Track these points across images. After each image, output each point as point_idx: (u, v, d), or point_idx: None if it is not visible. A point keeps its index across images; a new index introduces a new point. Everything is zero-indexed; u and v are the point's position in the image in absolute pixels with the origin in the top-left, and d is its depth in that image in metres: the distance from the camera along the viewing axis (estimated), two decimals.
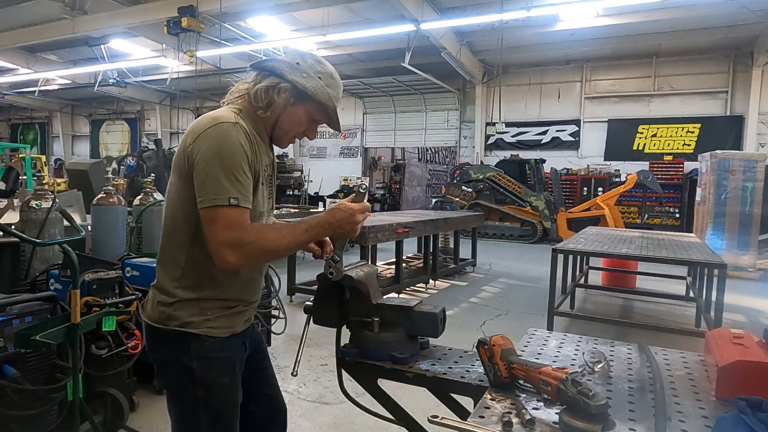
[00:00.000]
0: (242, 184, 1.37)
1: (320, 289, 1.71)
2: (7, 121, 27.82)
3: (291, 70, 1.49)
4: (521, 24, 11.87)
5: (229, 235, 1.34)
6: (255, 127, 1.50)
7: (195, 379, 1.47)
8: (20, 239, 2.60)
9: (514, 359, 1.35)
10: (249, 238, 1.36)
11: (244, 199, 1.37)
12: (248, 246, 1.36)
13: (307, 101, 1.51)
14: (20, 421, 2.39)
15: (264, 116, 1.51)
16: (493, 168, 13.68)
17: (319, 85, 1.49)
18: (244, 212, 1.37)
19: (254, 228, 1.39)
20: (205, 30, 11.48)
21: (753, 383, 1.25)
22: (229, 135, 1.38)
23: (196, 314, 1.48)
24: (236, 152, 1.37)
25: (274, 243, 1.40)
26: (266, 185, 1.55)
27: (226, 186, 1.34)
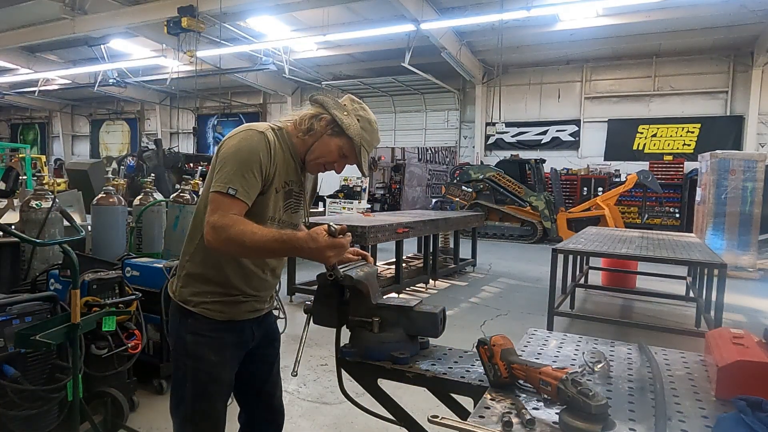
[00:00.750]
0: (247, 181, 1.53)
1: (320, 289, 1.71)
2: (7, 121, 27.83)
3: (335, 105, 1.66)
4: (521, 24, 11.87)
5: (214, 217, 1.50)
6: (289, 146, 1.67)
7: (187, 352, 1.66)
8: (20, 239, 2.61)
9: (514, 359, 1.35)
10: (225, 222, 1.48)
11: (244, 193, 1.52)
12: (221, 229, 1.48)
13: (341, 136, 1.64)
14: (20, 421, 2.39)
15: (304, 139, 1.66)
16: (493, 168, 13.68)
17: (354, 124, 1.64)
18: (236, 203, 1.51)
19: (236, 219, 1.50)
20: (205, 30, 11.49)
21: (753, 383, 1.25)
22: (250, 139, 1.57)
23: (196, 294, 1.66)
24: (252, 154, 1.54)
25: (244, 237, 1.48)
26: (283, 196, 1.69)
27: (231, 177, 1.52)
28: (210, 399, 1.67)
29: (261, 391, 1.87)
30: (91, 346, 2.75)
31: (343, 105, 1.67)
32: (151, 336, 3.42)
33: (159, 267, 3.45)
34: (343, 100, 1.69)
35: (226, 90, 18.65)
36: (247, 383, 1.83)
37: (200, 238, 1.60)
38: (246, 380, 1.82)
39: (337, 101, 1.67)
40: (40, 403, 2.46)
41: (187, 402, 1.67)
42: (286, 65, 15.12)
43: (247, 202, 1.53)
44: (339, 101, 1.68)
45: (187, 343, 1.66)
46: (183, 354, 1.68)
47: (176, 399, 1.70)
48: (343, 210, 11.81)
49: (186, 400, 1.67)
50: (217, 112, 21.01)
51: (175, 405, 1.70)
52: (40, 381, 2.48)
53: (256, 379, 1.85)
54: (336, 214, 11.19)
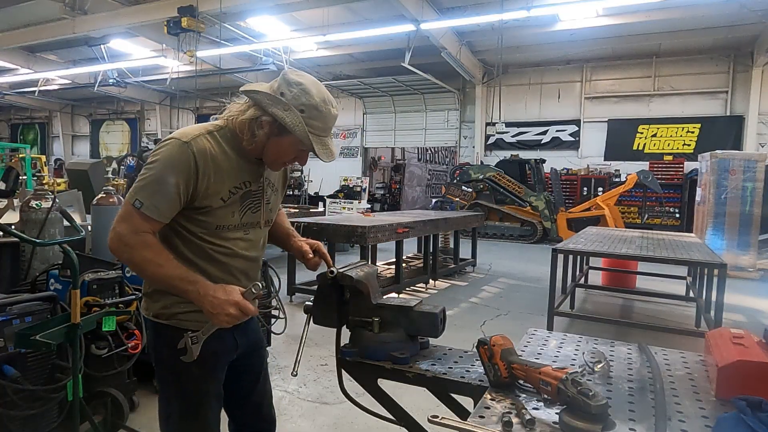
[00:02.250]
0: (159, 196, 1.42)
1: (320, 289, 1.71)
2: (7, 121, 27.81)
3: (273, 102, 1.47)
4: (521, 24, 11.86)
5: (120, 227, 1.43)
6: (235, 146, 1.53)
7: (167, 367, 1.58)
8: (20, 239, 2.60)
9: (514, 359, 1.36)
10: (131, 241, 1.42)
11: (152, 209, 1.42)
12: (125, 246, 1.42)
13: (288, 134, 1.48)
14: (20, 421, 2.39)
15: (251, 145, 1.53)
16: (493, 168, 13.68)
17: (298, 121, 1.45)
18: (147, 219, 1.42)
19: (144, 239, 1.42)
20: (205, 30, 11.47)
21: (753, 383, 1.25)
22: (171, 151, 1.45)
23: (167, 306, 1.56)
24: (169, 168, 1.43)
25: (145, 264, 1.42)
26: (239, 200, 1.56)
27: (141, 190, 1.43)
28: (199, 414, 1.59)
29: (249, 402, 1.79)
30: (91, 346, 2.75)
31: (281, 95, 1.46)
32: None
33: None
34: (280, 86, 1.48)
35: (226, 90, 18.60)
36: (234, 394, 1.75)
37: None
38: (233, 391, 1.73)
39: (273, 95, 1.46)
40: (40, 403, 2.46)
41: (175, 420, 1.59)
42: (286, 65, 15.09)
43: (158, 218, 1.43)
44: (275, 91, 1.47)
45: (165, 358, 1.57)
46: (164, 370, 1.61)
47: (164, 417, 1.62)
48: (342, 210, 11.80)
49: (173, 418, 1.60)
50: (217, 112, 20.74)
51: (163, 420, 1.62)
52: (40, 381, 2.48)
53: (242, 389, 1.76)
54: (336, 214, 11.19)
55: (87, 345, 2.72)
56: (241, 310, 1.41)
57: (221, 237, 1.56)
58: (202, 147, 1.47)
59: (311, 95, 1.47)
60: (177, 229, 1.53)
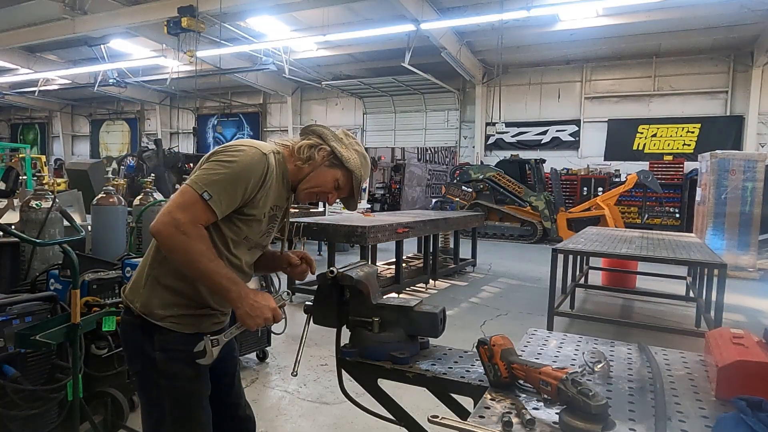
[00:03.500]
0: (227, 194, 1.46)
1: (320, 289, 1.71)
2: (7, 121, 27.82)
3: (334, 137, 1.67)
4: (521, 24, 11.87)
5: (179, 214, 1.42)
6: (284, 172, 1.64)
7: (159, 371, 1.54)
8: (20, 239, 2.61)
9: (514, 359, 1.36)
10: (189, 230, 1.41)
11: (217, 202, 1.45)
12: (182, 235, 1.41)
13: (339, 168, 1.65)
14: (20, 421, 2.39)
15: (301, 167, 1.64)
16: (493, 168, 13.68)
17: (354, 157, 1.66)
18: (207, 211, 1.44)
19: (200, 232, 1.44)
20: (205, 30, 11.47)
21: (753, 383, 1.25)
22: (252, 157, 1.51)
23: (165, 306, 1.54)
24: (246, 172, 1.49)
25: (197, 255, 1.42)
26: (268, 221, 1.65)
27: (213, 183, 1.45)
28: (194, 416, 1.59)
29: (226, 403, 1.80)
30: (91, 346, 2.75)
31: (341, 138, 1.68)
32: None
33: None
34: (339, 133, 1.70)
35: (226, 90, 18.63)
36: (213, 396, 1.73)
37: None
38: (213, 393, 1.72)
39: (335, 133, 1.69)
40: (40, 403, 2.46)
41: (168, 425, 1.57)
42: (286, 65, 15.12)
43: (218, 214, 1.47)
44: (336, 133, 1.69)
45: (158, 362, 1.53)
46: (153, 374, 1.55)
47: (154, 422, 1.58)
48: (342, 210, 11.80)
49: (166, 423, 1.57)
50: (217, 112, 21.00)
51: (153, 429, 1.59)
52: (40, 381, 2.49)
53: (220, 392, 1.76)
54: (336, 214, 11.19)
55: (87, 345, 2.72)
56: (274, 316, 1.51)
57: (239, 248, 1.62)
58: (272, 163, 1.57)
59: (362, 147, 1.73)
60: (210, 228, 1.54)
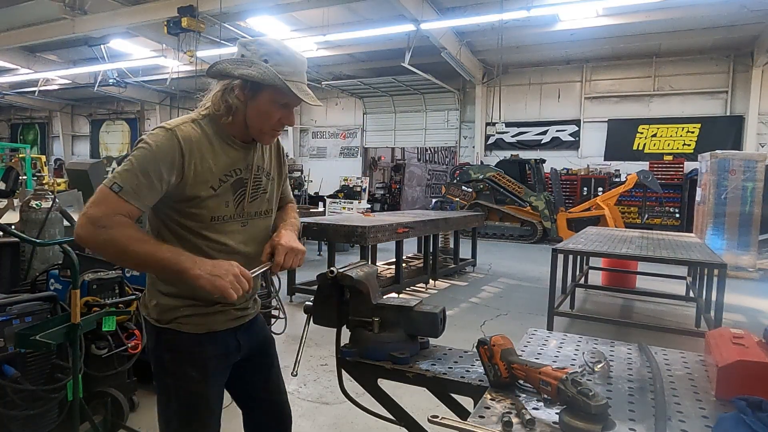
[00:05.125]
0: (139, 181, 1.35)
1: (320, 289, 1.71)
2: (7, 121, 27.81)
3: (236, 65, 1.45)
4: (521, 24, 11.86)
5: (93, 210, 1.33)
6: (218, 130, 1.50)
7: (167, 370, 1.56)
8: (20, 239, 2.61)
9: (514, 359, 1.35)
10: (108, 222, 1.32)
11: (131, 193, 1.34)
12: (101, 229, 1.32)
13: (262, 90, 1.45)
14: (20, 421, 2.39)
15: (229, 122, 1.49)
16: (493, 168, 13.68)
17: (264, 68, 1.42)
18: (123, 204, 1.34)
19: (120, 220, 1.34)
20: (205, 30, 11.47)
21: (753, 383, 1.25)
22: (155, 138, 1.40)
23: (168, 309, 1.53)
24: (150, 154, 1.38)
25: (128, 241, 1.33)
26: (231, 189, 1.52)
27: (121, 174, 1.36)
28: (197, 418, 1.57)
29: (262, 400, 1.78)
30: (91, 346, 2.75)
31: (242, 57, 1.46)
32: None
33: None
34: (238, 51, 1.48)
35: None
36: (245, 394, 1.76)
37: None
38: (244, 391, 1.75)
39: (236, 58, 1.47)
40: (40, 403, 2.46)
41: (174, 423, 1.57)
42: None
43: (136, 204, 1.36)
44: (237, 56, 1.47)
45: (166, 362, 1.55)
46: (163, 373, 1.57)
47: (163, 421, 1.59)
48: (342, 210, 11.80)
49: (172, 422, 1.57)
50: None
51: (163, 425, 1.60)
52: (40, 381, 2.48)
53: (254, 389, 1.76)
54: (336, 214, 11.19)
55: (87, 345, 2.72)
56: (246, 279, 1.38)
57: (217, 230, 1.51)
58: (187, 134, 1.43)
59: (269, 45, 1.47)
60: (171, 227, 1.49)
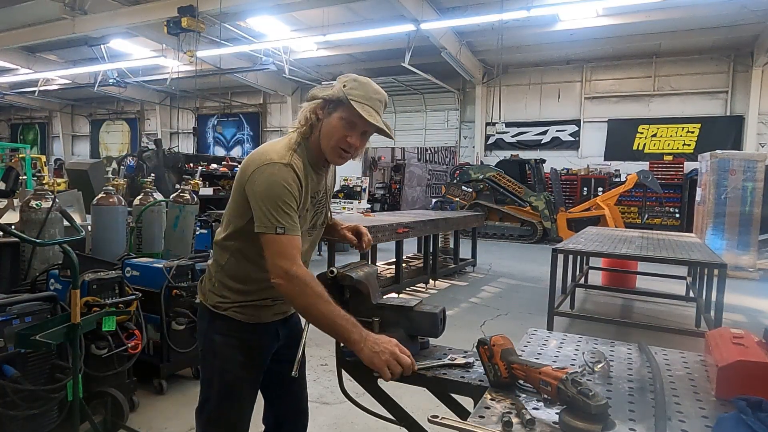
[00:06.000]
0: (289, 215, 1.55)
1: None
2: (7, 121, 27.82)
3: (322, 89, 1.65)
4: (521, 24, 11.87)
5: (282, 263, 1.52)
6: (310, 157, 1.66)
7: (215, 352, 1.72)
8: (20, 239, 2.60)
9: (514, 359, 1.35)
10: (297, 272, 1.51)
11: (291, 228, 1.54)
12: (294, 279, 1.51)
13: (335, 108, 1.61)
14: (20, 421, 2.39)
15: (312, 138, 1.66)
16: (493, 168, 13.68)
17: (338, 89, 1.59)
18: (291, 239, 1.54)
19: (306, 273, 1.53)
20: (205, 30, 11.47)
21: (753, 383, 1.25)
22: (279, 174, 1.55)
23: (226, 299, 1.71)
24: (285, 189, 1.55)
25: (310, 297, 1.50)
26: (312, 208, 1.73)
27: (275, 216, 1.53)
28: (235, 399, 1.71)
29: (288, 391, 1.91)
30: (91, 346, 2.75)
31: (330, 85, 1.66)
32: (151, 336, 3.42)
33: (159, 267, 3.46)
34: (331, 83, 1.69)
35: (226, 90, 18.62)
36: (274, 383, 1.87)
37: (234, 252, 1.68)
38: (273, 379, 1.86)
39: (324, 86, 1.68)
40: (40, 403, 2.46)
41: (213, 402, 1.71)
42: (286, 65, 15.11)
43: (297, 234, 1.56)
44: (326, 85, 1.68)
45: (216, 344, 1.71)
46: (211, 354, 1.73)
47: (202, 399, 1.74)
48: (343, 210, 11.80)
49: (212, 401, 1.71)
50: (217, 112, 21.00)
51: (200, 405, 1.75)
52: (40, 381, 2.48)
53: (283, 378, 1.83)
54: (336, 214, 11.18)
55: (87, 345, 2.72)
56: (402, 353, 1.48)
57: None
58: (299, 167, 1.60)
59: (356, 77, 1.65)
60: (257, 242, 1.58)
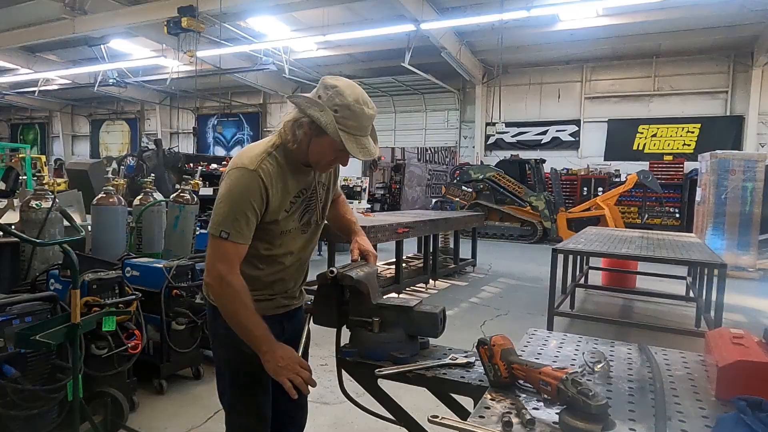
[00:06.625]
0: (239, 222, 1.56)
1: (320, 289, 1.71)
2: (7, 121, 27.80)
3: (310, 104, 1.57)
4: (521, 24, 11.86)
5: (221, 267, 1.57)
6: (291, 160, 1.66)
7: (222, 344, 1.78)
8: (20, 239, 2.60)
9: (514, 359, 1.35)
10: (231, 281, 1.57)
11: (236, 235, 1.56)
12: (226, 286, 1.58)
13: (324, 135, 1.57)
14: (20, 421, 2.39)
15: (293, 148, 1.63)
16: (493, 168, 13.67)
17: (330, 121, 1.54)
18: (235, 247, 1.57)
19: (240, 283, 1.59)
20: (205, 30, 11.47)
21: (753, 383, 1.25)
22: (241, 180, 1.58)
23: None
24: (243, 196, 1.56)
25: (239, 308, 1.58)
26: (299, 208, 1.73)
27: (223, 220, 1.56)
28: (248, 388, 1.75)
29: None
30: (91, 346, 2.75)
31: (318, 98, 1.56)
32: (151, 336, 3.42)
33: (159, 267, 3.46)
34: (317, 90, 1.59)
35: (226, 90, 18.61)
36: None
37: None
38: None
39: (312, 99, 1.57)
40: (40, 403, 2.46)
41: (228, 393, 1.78)
42: (286, 65, 15.11)
43: (243, 242, 1.58)
44: (314, 95, 1.58)
45: (221, 336, 1.75)
46: (219, 346, 1.80)
47: (219, 390, 1.82)
48: None
49: (227, 391, 1.79)
50: (217, 112, 20.99)
51: (219, 395, 1.83)
52: (40, 381, 2.48)
53: None
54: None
55: (87, 345, 2.72)
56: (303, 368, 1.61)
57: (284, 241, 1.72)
58: (267, 171, 1.60)
59: (345, 96, 1.56)
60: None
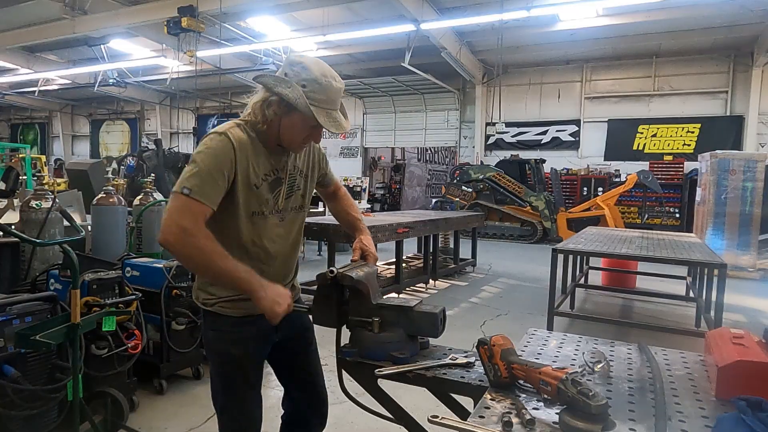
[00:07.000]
0: (205, 182, 1.52)
1: (320, 289, 1.71)
2: (7, 121, 27.80)
3: (277, 82, 1.58)
4: (521, 24, 11.86)
5: (182, 219, 1.49)
6: (260, 137, 1.65)
7: (211, 348, 1.80)
8: (20, 239, 2.60)
9: (514, 359, 1.35)
10: (195, 232, 1.49)
11: (201, 193, 1.51)
12: (191, 236, 1.48)
13: (294, 110, 1.57)
14: (20, 421, 2.39)
15: (264, 129, 1.64)
16: (493, 168, 13.67)
17: (299, 95, 1.54)
18: (198, 205, 1.51)
19: (207, 233, 1.51)
20: (205, 30, 11.47)
21: (753, 383, 1.25)
22: (210, 143, 1.57)
23: (211, 296, 1.74)
24: (210, 157, 1.54)
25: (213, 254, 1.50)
26: (269, 188, 1.69)
27: (188, 179, 1.52)
28: (237, 391, 1.76)
29: (300, 380, 1.96)
30: (91, 346, 2.75)
31: (285, 76, 1.58)
32: (151, 336, 3.42)
33: (159, 267, 3.46)
34: (283, 67, 1.61)
35: (226, 90, 18.59)
36: (285, 374, 1.95)
37: None
38: (284, 371, 1.94)
39: (278, 76, 1.59)
40: (40, 403, 2.46)
41: (219, 395, 1.79)
42: None
43: (207, 203, 1.52)
44: (280, 73, 1.60)
45: (210, 340, 1.78)
46: (209, 350, 1.83)
47: (212, 393, 1.82)
48: None
49: (218, 394, 1.79)
50: (217, 112, 20.99)
51: (213, 399, 1.83)
52: (40, 381, 2.48)
53: (293, 369, 1.94)
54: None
55: (87, 345, 2.72)
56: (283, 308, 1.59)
57: (257, 225, 1.68)
58: (238, 136, 1.60)
59: (311, 71, 1.58)
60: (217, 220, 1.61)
